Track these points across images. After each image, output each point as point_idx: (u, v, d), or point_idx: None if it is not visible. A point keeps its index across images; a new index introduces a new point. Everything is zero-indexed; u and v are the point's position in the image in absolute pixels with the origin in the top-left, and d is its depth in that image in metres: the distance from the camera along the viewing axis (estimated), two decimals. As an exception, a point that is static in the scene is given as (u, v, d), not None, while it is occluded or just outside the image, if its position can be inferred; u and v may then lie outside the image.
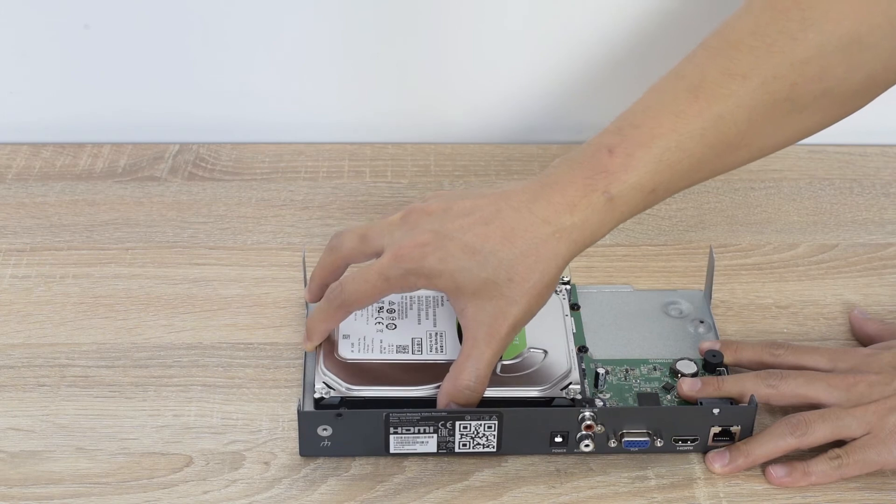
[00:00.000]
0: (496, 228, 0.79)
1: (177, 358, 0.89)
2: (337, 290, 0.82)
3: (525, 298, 0.79)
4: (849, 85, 0.78)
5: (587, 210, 0.79)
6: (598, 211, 0.79)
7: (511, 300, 0.79)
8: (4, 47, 1.08)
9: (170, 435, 0.84)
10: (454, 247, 0.79)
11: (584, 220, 0.79)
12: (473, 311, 0.80)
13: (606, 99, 1.11)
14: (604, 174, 0.79)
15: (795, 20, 0.77)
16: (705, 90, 0.78)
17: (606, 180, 0.78)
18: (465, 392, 0.79)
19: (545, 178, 0.80)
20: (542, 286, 0.79)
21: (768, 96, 0.78)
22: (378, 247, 0.82)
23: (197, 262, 0.97)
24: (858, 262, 0.99)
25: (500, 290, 0.79)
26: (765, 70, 0.77)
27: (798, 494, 0.81)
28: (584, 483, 0.81)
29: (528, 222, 0.79)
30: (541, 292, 0.79)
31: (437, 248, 0.79)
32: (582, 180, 0.79)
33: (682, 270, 0.98)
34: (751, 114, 0.78)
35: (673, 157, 0.78)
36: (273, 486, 0.80)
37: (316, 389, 0.82)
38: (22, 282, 0.95)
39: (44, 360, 0.89)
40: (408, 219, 0.82)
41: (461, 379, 0.80)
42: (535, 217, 0.79)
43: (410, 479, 0.81)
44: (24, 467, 0.81)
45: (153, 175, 1.06)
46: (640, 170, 0.78)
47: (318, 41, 1.08)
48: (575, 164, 0.80)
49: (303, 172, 1.07)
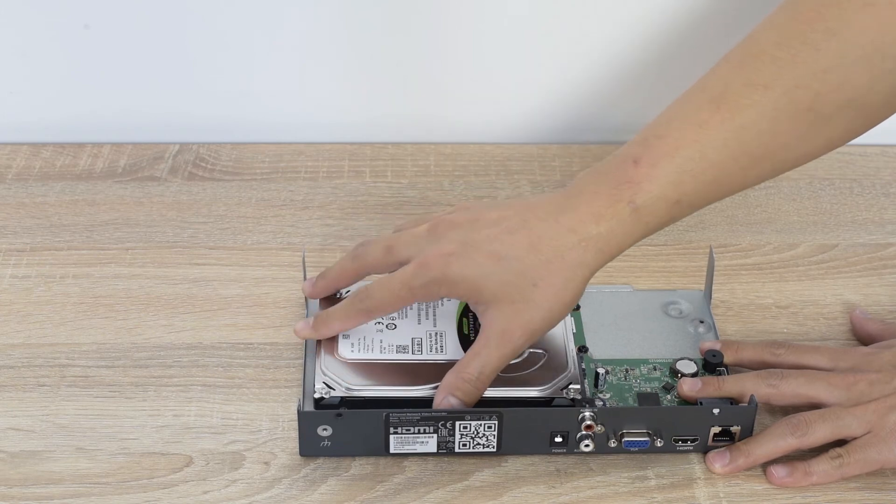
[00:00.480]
0: (522, 237, 0.80)
1: (177, 358, 0.89)
2: (363, 294, 0.82)
3: (548, 304, 0.79)
4: (873, 96, 0.78)
5: (613, 220, 0.79)
6: (623, 221, 0.79)
7: (533, 304, 0.79)
8: (5, 47, 1.08)
9: (170, 435, 0.84)
10: (479, 255, 0.80)
11: (609, 231, 0.79)
12: (493, 313, 0.80)
13: (607, 99, 1.12)
14: (629, 184, 0.79)
15: (819, 31, 0.77)
16: (728, 101, 0.78)
17: (631, 191, 0.79)
18: (465, 386, 0.79)
19: (571, 189, 0.81)
20: (567, 293, 0.79)
21: (791, 106, 0.78)
22: (404, 258, 0.82)
23: (197, 262, 0.97)
24: (858, 262, 0.99)
25: (522, 293, 0.79)
26: (787, 80, 0.77)
27: (798, 494, 0.81)
28: (584, 483, 0.81)
29: (553, 231, 0.79)
30: (564, 299, 0.80)
31: (462, 257, 0.80)
32: (607, 191, 0.79)
33: (682, 270, 0.98)
34: (774, 124, 0.78)
35: (696, 168, 0.79)
36: (273, 486, 0.80)
37: (316, 389, 0.82)
38: (22, 282, 0.95)
39: (44, 360, 0.89)
40: (434, 230, 0.82)
41: (464, 372, 0.80)
42: (561, 227, 0.79)
43: (410, 479, 0.81)
44: (24, 467, 0.81)
45: (153, 175, 1.06)
46: (663, 180, 0.79)
47: (318, 41, 1.08)
48: (601, 175, 0.80)
49: (303, 172, 1.07)
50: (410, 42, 1.09)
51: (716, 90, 0.79)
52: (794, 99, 0.77)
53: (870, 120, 0.80)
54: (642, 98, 1.11)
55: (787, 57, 0.77)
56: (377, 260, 0.84)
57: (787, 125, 0.78)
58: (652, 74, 1.10)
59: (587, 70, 1.10)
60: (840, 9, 0.77)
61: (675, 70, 1.09)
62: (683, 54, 1.09)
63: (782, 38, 0.78)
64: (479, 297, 0.80)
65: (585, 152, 1.10)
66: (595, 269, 0.80)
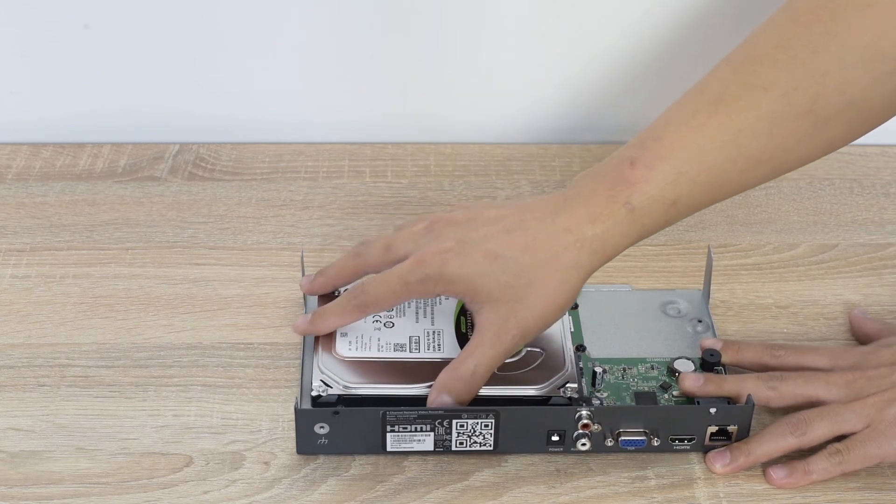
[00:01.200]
0: (518, 237, 0.80)
1: (177, 358, 0.89)
2: (358, 289, 0.83)
3: (542, 304, 0.79)
4: (872, 99, 0.78)
5: (609, 221, 0.79)
6: (619, 222, 0.79)
7: (527, 305, 0.79)
8: (4, 47, 1.08)
9: (170, 435, 0.84)
10: (476, 253, 0.80)
11: (605, 231, 0.79)
12: (487, 312, 0.80)
13: (606, 99, 1.12)
14: (625, 185, 0.79)
15: (818, 33, 0.77)
16: (726, 103, 0.78)
17: (628, 191, 0.79)
18: (458, 384, 0.80)
19: (569, 190, 0.81)
20: (561, 295, 0.80)
21: (789, 108, 0.78)
22: (401, 255, 0.82)
23: (197, 262, 0.98)
24: (858, 262, 0.99)
25: (517, 293, 0.79)
26: (785, 82, 0.77)
27: (798, 494, 0.81)
28: (584, 483, 0.81)
29: (549, 232, 0.79)
30: (558, 301, 0.80)
31: (459, 255, 0.80)
32: (604, 192, 0.79)
33: (681, 270, 0.98)
34: (772, 127, 0.78)
35: (693, 170, 0.79)
36: (273, 486, 0.81)
37: (313, 387, 0.82)
38: (22, 282, 0.95)
39: (44, 360, 0.89)
40: (432, 228, 0.82)
41: (458, 370, 0.80)
42: (558, 227, 0.79)
43: (410, 479, 0.81)
44: (24, 467, 0.81)
45: (153, 175, 1.07)
46: (660, 181, 0.79)
47: (318, 41, 1.08)
48: (598, 177, 0.80)
49: (303, 172, 1.07)
50: (410, 42, 1.09)
51: (714, 92, 0.79)
52: (793, 101, 0.77)
53: (869, 122, 0.80)
54: (643, 98, 1.11)
55: (786, 59, 0.77)
56: (376, 258, 0.84)
57: (785, 128, 0.78)
58: (652, 75, 1.10)
59: (587, 70, 1.10)
60: (839, 11, 0.77)
61: (675, 70, 1.09)
62: (683, 55, 1.09)
63: (781, 41, 0.78)
64: (475, 296, 0.80)
65: (586, 152, 1.10)
66: (591, 270, 0.80)
